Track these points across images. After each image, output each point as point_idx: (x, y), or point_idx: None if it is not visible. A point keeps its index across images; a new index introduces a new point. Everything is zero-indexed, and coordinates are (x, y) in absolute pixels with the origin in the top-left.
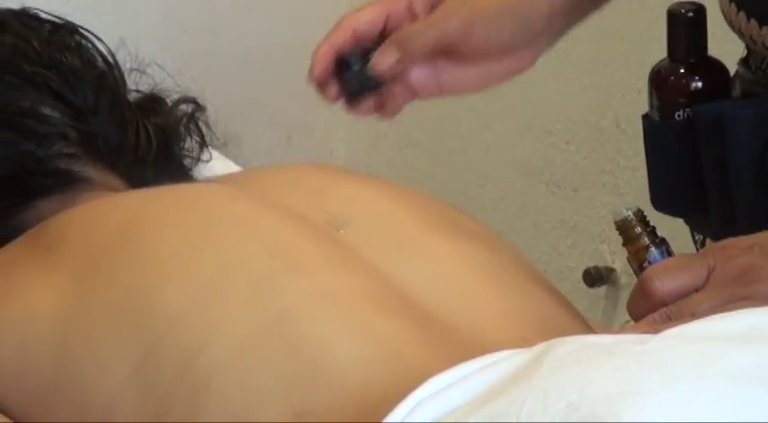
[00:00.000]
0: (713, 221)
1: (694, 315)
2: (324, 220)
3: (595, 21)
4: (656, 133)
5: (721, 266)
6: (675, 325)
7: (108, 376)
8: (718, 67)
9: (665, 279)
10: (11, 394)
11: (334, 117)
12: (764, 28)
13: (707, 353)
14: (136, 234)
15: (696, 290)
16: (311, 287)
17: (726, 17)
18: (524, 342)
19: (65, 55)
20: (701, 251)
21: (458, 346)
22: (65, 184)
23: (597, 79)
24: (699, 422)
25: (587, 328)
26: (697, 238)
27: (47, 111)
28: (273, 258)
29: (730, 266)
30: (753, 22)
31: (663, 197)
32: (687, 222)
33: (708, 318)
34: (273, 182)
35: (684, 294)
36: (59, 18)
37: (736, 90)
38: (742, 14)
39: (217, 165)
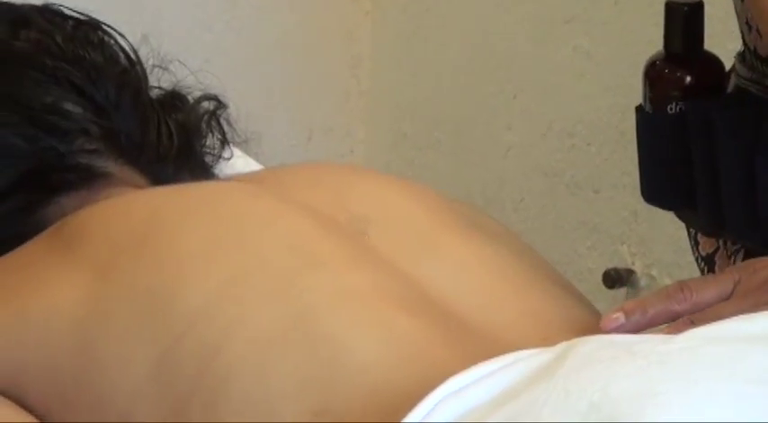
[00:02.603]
0: (701, 218)
1: (718, 320)
2: (345, 219)
3: (618, 23)
4: (647, 126)
5: (746, 279)
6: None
7: (128, 373)
8: (714, 61)
9: (695, 289)
10: (31, 390)
11: (355, 117)
12: None
13: (729, 354)
14: (157, 231)
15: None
16: (333, 285)
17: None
18: (545, 341)
19: (88, 51)
20: (728, 268)
21: (479, 345)
22: (86, 180)
23: (619, 81)
24: None
25: None
26: (691, 231)
27: (69, 106)
28: (295, 256)
29: (755, 278)
30: None
31: (653, 190)
32: (678, 215)
33: (729, 319)
34: (294, 180)
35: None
36: (83, 14)
37: (731, 85)
38: None
39: (238, 162)
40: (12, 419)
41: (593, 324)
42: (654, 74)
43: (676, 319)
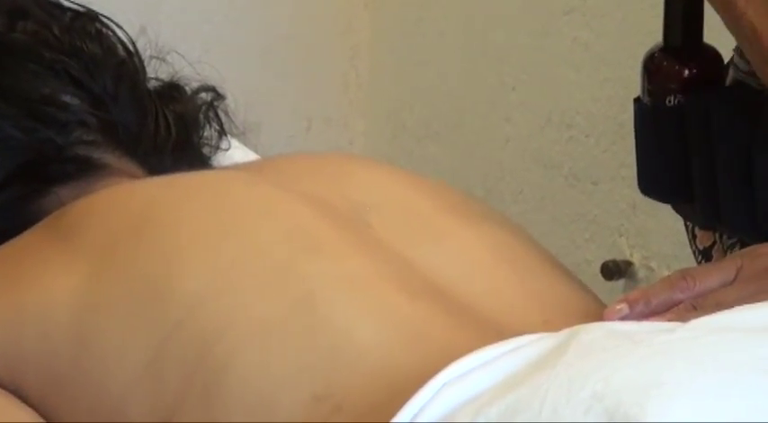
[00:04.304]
0: (698, 211)
1: (719, 305)
2: (344, 207)
3: (617, 15)
4: (645, 118)
5: (749, 264)
6: (700, 314)
7: (126, 363)
8: (713, 54)
9: (698, 277)
10: (29, 378)
11: (354, 108)
12: None
13: (732, 344)
14: (154, 220)
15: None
16: (332, 271)
17: None
18: (546, 325)
19: (85, 42)
20: (732, 254)
21: (480, 330)
22: (84, 172)
23: (617, 73)
24: (723, 415)
25: None
26: (689, 224)
27: (67, 98)
28: (293, 242)
29: (757, 264)
30: None
31: (649, 182)
32: (675, 209)
33: (733, 309)
34: (292, 168)
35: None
36: (80, 5)
37: (729, 77)
38: None
39: (236, 154)
40: (7, 411)
41: (593, 307)
42: (652, 66)
43: None
